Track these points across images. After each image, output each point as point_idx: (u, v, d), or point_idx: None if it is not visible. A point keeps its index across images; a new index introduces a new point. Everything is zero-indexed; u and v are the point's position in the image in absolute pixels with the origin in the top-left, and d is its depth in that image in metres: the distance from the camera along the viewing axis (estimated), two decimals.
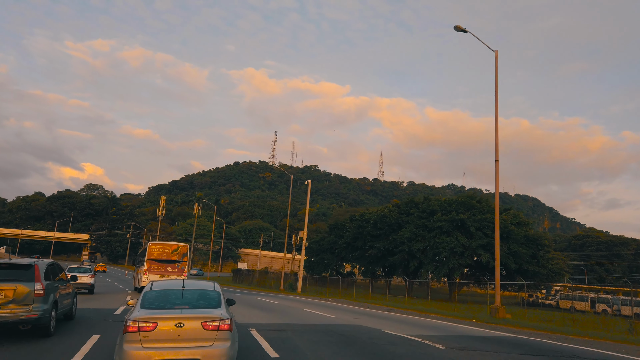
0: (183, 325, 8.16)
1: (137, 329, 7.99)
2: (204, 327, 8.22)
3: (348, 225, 75.91)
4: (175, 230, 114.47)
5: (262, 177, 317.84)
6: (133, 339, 7.97)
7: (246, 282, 69.02)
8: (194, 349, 8.06)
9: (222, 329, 8.31)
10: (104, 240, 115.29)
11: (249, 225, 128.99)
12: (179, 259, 30.13)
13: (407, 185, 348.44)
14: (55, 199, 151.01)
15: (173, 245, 31.00)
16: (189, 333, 8.16)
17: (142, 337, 7.98)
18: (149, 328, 8.01)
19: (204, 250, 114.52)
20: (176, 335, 8.09)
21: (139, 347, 7.91)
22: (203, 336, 8.20)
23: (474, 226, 57.28)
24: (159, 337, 8.04)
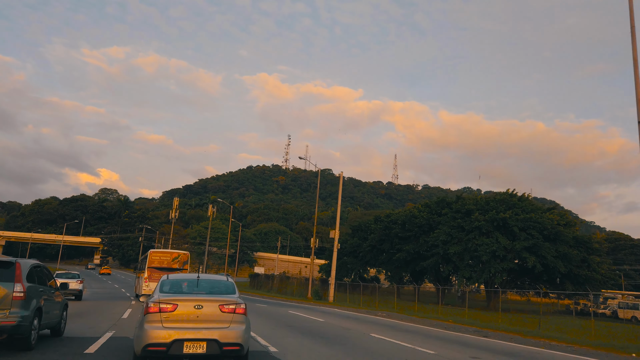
0: (202, 307, 8.50)
1: (158, 309, 8.30)
2: (221, 310, 8.58)
3: (373, 226, 70.17)
4: (188, 233, 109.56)
5: (276, 181, 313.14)
6: (154, 319, 8.27)
7: (265, 288, 63.52)
8: (212, 330, 8.36)
9: (237, 312, 8.69)
10: (116, 243, 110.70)
11: (264, 228, 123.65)
12: (180, 267, 29.65)
13: (421, 189, 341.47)
14: (67, 202, 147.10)
15: (174, 253, 30.63)
16: (207, 315, 8.49)
17: (163, 318, 8.28)
18: (170, 309, 8.34)
19: (219, 254, 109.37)
20: (195, 317, 8.43)
21: (159, 327, 8.19)
22: (220, 318, 8.55)
23: (517, 226, 51.28)
24: (179, 317, 8.36)
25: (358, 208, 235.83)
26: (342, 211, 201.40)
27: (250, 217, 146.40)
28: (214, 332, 8.30)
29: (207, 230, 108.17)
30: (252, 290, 63.77)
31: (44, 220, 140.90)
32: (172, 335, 8.05)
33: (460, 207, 58.00)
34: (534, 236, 49.99)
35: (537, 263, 48.92)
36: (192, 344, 8.15)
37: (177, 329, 8.18)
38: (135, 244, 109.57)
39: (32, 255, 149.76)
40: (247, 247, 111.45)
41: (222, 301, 8.71)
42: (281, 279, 64.20)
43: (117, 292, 45.72)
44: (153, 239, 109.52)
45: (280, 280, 62.27)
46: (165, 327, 8.19)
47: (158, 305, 8.33)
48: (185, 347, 8.10)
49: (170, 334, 8.07)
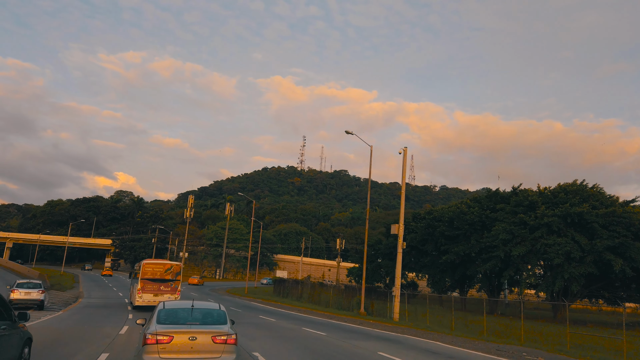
0: (196, 339, 9.12)
1: (156, 341, 8.90)
2: (213, 341, 9.18)
3: (412, 225, 61.03)
4: (205, 234, 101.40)
5: (291, 182, 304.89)
6: (152, 350, 8.86)
7: (293, 296, 54.67)
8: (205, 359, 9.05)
9: (229, 342, 9.32)
10: (128, 245, 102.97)
11: (284, 229, 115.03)
12: (172, 278, 29.59)
13: (439, 190, 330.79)
14: (79, 203, 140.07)
15: (167, 265, 30.47)
16: (200, 346, 9.08)
17: (160, 349, 8.86)
18: (166, 340, 8.94)
19: (237, 257, 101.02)
20: (189, 348, 9.04)
21: (156, 358, 8.79)
22: (212, 349, 9.15)
23: (598, 222, 41.98)
24: (174, 348, 8.96)
25: (377, 209, 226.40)
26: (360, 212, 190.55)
27: (269, 217, 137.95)
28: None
29: (224, 230, 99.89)
30: (277, 298, 55.04)
31: (55, 222, 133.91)
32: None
33: (521, 200, 48.75)
34: (620, 234, 40.68)
35: (626, 267, 39.63)
36: None
37: (173, 359, 8.79)
38: (148, 246, 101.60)
39: (42, 259, 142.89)
40: (266, 249, 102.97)
41: (214, 332, 9.30)
42: (313, 286, 55.11)
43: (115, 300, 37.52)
44: (167, 240, 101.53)
45: (312, 288, 53.25)
46: (162, 358, 8.76)
47: (156, 337, 8.88)
48: None
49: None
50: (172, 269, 30.00)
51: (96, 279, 73.47)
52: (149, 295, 28.95)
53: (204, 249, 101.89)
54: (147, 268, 29.62)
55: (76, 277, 73.05)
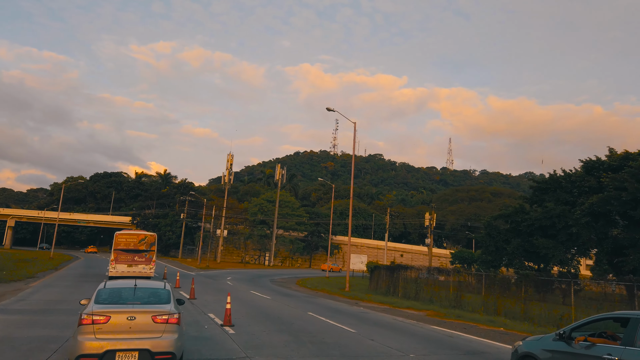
0: (134, 319, 8.06)
1: (91, 321, 7.88)
2: (153, 320, 8.15)
3: (588, 183, 33.89)
4: (247, 208, 76.05)
5: (324, 167, 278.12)
6: (87, 331, 7.85)
7: (408, 294, 28.72)
8: (144, 340, 7.95)
9: (170, 322, 8.23)
10: (151, 222, 78.81)
11: (339, 205, 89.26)
12: (147, 249, 27.65)
13: (479, 174, 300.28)
14: (99, 177, 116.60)
15: (140, 235, 28.35)
16: (139, 326, 8.04)
17: (96, 329, 7.86)
18: (102, 321, 7.92)
19: (288, 238, 75.42)
20: (127, 328, 7.98)
21: (92, 338, 7.80)
22: (153, 328, 8.11)
23: None
24: (112, 329, 7.92)
25: (423, 191, 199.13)
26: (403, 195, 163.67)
27: (315, 194, 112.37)
28: (145, 342, 7.92)
29: (273, 203, 74.44)
30: (385, 296, 29.33)
31: (71, 199, 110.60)
32: (105, 346, 7.70)
33: None
34: None
35: None
36: (124, 354, 7.77)
37: (110, 340, 7.81)
38: (176, 223, 76.93)
39: (59, 242, 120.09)
40: (323, 228, 77.35)
41: (155, 312, 8.26)
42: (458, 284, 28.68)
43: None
44: (199, 216, 76.64)
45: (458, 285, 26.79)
46: (98, 339, 7.80)
47: (91, 317, 7.93)
48: (117, 358, 7.74)
49: (103, 344, 7.72)
50: (146, 240, 27.78)
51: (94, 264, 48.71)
52: (122, 266, 26.80)
53: (244, 228, 76.86)
54: (120, 239, 27.64)
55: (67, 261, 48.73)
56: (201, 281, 34.33)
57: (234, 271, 51.88)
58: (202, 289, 26.85)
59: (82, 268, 39.95)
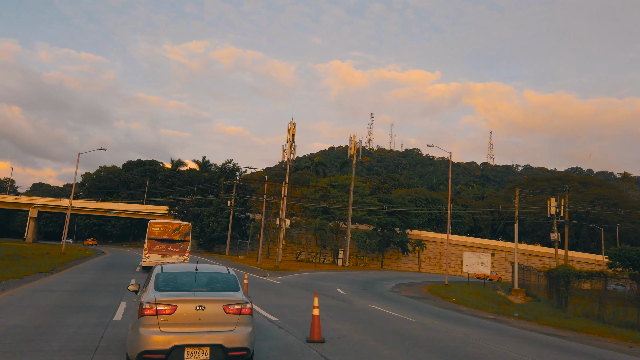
0: (204, 309, 6.44)
1: (155, 311, 6.28)
2: (225, 311, 6.55)
3: None
4: (307, 194, 60.01)
5: (360, 162, 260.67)
6: (150, 323, 6.23)
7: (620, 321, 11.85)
8: (216, 334, 6.37)
9: (244, 313, 6.65)
10: (191, 213, 63.78)
11: (408, 194, 72.40)
12: (181, 239, 25.94)
13: (522, 169, 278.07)
14: (132, 166, 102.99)
15: (174, 224, 26.57)
16: (210, 317, 6.44)
17: (161, 321, 6.26)
18: (168, 311, 6.31)
19: (364, 232, 58.83)
20: (197, 319, 6.39)
21: (157, 331, 6.19)
22: (225, 320, 6.52)
23: None
24: (179, 320, 6.32)
25: (474, 185, 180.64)
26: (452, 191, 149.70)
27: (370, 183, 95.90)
28: (218, 336, 6.36)
29: (333, 189, 58.32)
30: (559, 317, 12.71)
31: (103, 188, 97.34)
32: (172, 341, 6.16)
33: None
34: None
35: None
36: (194, 350, 6.21)
37: (177, 334, 6.24)
38: (221, 213, 61.51)
39: (90, 236, 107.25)
40: (399, 218, 60.70)
41: (226, 301, 6.65)
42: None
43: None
44: (249, 204, 61.27)
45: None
46: (164, 332, 6.21)
47: (155, 306, 6.30)
48: (186, 354, 6.19)
49: (170, 339, 6.17)
50: (180, 229, 26.12)
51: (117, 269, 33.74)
52: (156, 256, 25.02)
53: (302, 219, 61.19)
54: (154, 227, 26.04)
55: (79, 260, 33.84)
56: (297, 294, 18.68)
57: (316, 274, 36.02)
58: (323, 314, 11.48)
59: (95, 272, 24.62)
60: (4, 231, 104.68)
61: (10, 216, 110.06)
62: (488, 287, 37.58)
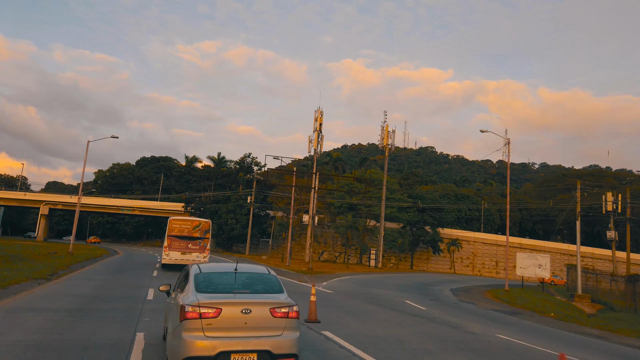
0: (250, 312, 5.91)
1: (198, 315, 5.74)
2: (272, 314, 6.01)
3: None
4: (331, 189, 55.16)
5: (373, 160, 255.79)
6: (194, 327, 5.69)
7: None
8: (263, 339, 5.85)
9: (291, 316, 6.12)
10: (209, 209, 59.52)
11: (436, 190, 67.40)
12: (201, 236, 25.22)
13: (539, 167, 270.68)
14: (146, 162, 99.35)
15: (195, 221, 25.87)
16: (256, 320, 5.93)
17: (205, 325, 5.73)
18: (212, 314, 5.78)
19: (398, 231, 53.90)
20: (242, 323, 5.87)
21: (200, 336, 5.67)
22: (272, 324, 5.99)
23: None
24: (224, 324, 5.80)
25: (493, 183, 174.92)
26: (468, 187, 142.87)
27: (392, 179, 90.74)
28: (265, 341, 5.85)
29: (360, 184, 53.76)
30: None
31: (117, 185, 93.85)
32: (217, 347, 5.65)
33: None
34: None
35: None
36: (241, 357, 5.72)
37: (222, 339, 5.73)
38: (240, 210, 57.17)
39: (104, 235, 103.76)
40: (431, 216, 55.75)
41: (273, 304, 6.10)
42: None
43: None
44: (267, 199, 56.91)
45: None
46: (208, 337, 5.70)
47: (198, 309, 5.75)
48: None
49: (215, 344, 5.65)
50: (200, 226, 25.41)
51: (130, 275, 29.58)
52: (176, 253, 24.49)
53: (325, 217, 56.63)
54: (174, 224, 25.28)
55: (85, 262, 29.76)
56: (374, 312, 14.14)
57: (357, 277, 31.46)
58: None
59: (104, 277, 20.37)
60: (16, 230, 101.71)
61: (22, 214, 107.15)
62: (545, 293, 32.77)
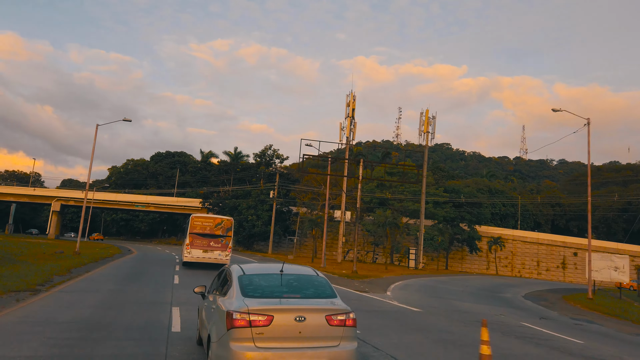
0: (304, 320, 5.15)
1: (248, 323, 5.04)
2: (328, 322, 5.25)
3: None
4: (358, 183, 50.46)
5: (390, 157, 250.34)
6: (243, 336, 4.99)
7: None
8: (319, 350, 5.13)
9: (348, 324, 5.35)
10: (228, 205, 55.02)
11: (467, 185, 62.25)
12: (223, 234, 24.28)
13: (557, 164, 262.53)
14: (160, 157, 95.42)
15: (217, 219, 24.87)
16: (311, 329, 5.17)
17: (255, 334, 5.02)
18: (263, 322, 5.06)
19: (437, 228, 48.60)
20: (296, 332, 5.13)
21: (251, 347, 4.99)
22: (328, 333, 5.23)
23: None
24: (276, 334, 5.07)
25: (514, 179, 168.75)
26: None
27: None
28: (321, 352, 5.13)
29: (391, 177, 48.80)
30: None
31: (131, 181, 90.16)
32: (270, 359, 4.98)
33: None
34: None
35: None
36: None
37: (275, 350, 5.00)
38: (261, 206, 52.66)
39: (118, 233, 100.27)
40: (467, 212, 50.65)
41: (329, 310, 5.31)
42: None
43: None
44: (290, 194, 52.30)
45: None
46: (259, 348, 4.99)
47: (247, 317, 5.03)
48: None
49: (267, 356, 4.97)
50: (222, 224, 24.45)
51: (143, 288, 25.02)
52: (197, 251, 23.54)
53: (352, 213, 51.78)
54: (196, 222, 24.24)
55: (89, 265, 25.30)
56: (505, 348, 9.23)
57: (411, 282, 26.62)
58: None
59: (110, 287, 15.85)
60: (29, 227, 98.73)
61: (36, 212, 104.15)
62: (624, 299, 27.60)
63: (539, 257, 55.48)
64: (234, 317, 5.07)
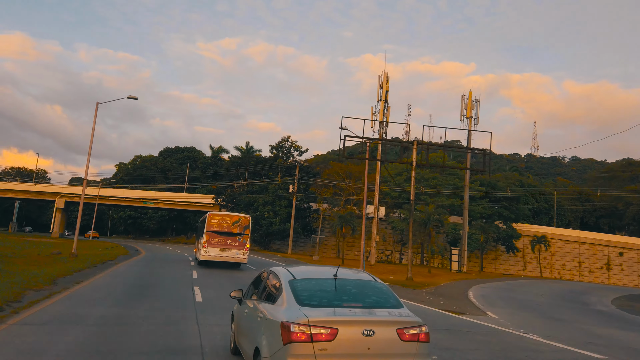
0: (373, 334, 4.27)
1: (309, 337, 4.15)
2: (400, 337, 4.34)
3: None
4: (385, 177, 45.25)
5: None
6: (303, 353, 4.12)
7: None
8: None
9: (421, 340, 4.43)
10: (243, 201, 50.35)
11: (497, 179, 57.26)
12: (240, 232, 23.44)
13: (569, 161, 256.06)
14: (169, 153, 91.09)
15: (234, 217, 24.10)
16: (381, 345, 4.28)
17: (317, 350, 4.16)
18: (326, 336, 4.17)
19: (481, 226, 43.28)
20: (365, 349, 4.24)
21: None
22: (400, 350, 4.32)
23: None
24: (342, 350, 4.19)
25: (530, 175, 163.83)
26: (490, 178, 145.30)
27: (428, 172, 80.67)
28: None
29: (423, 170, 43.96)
30: None
31: (139, 178, 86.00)
32: None
33: None
34: None
35: None
36: None
37: None
38: (279, 202, 48.00)
39: (126, 232, 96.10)
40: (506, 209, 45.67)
41: (400, 322, 4.41)
42: None
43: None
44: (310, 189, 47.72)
45: None
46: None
47: (308, 329, 4.14)
48: None
49: None
50: (240, 222, 23.67)
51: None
52: (214, 250, 22.63)
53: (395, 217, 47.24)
54: (213, 219, 23.44)
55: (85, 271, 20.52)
56: None
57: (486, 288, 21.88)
58: None
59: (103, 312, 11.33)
60: (35, 225, 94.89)
61: (42, 209, 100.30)
62: None
63: (580, 258, 50.42)
64: (291, 329, 4.17)
